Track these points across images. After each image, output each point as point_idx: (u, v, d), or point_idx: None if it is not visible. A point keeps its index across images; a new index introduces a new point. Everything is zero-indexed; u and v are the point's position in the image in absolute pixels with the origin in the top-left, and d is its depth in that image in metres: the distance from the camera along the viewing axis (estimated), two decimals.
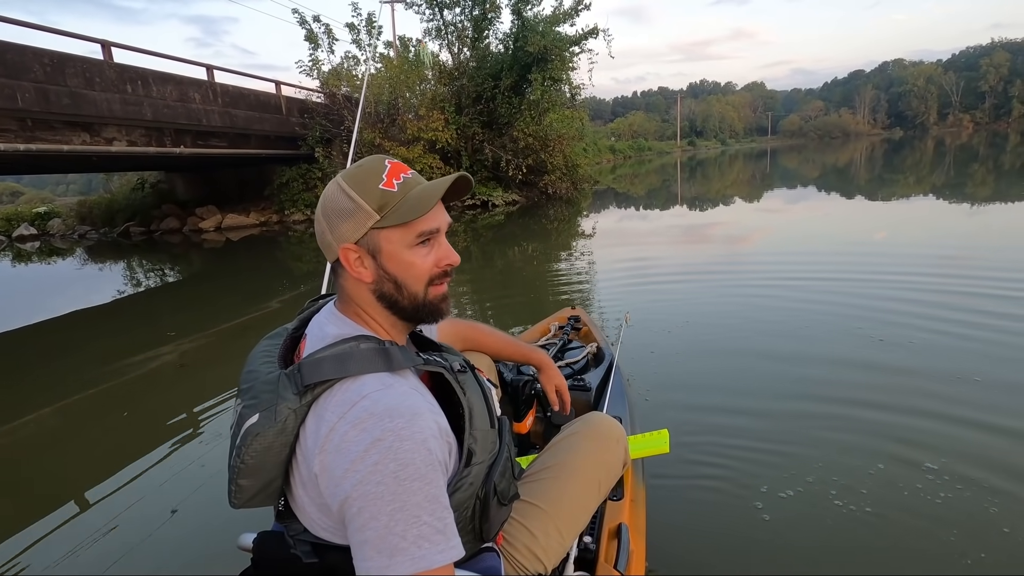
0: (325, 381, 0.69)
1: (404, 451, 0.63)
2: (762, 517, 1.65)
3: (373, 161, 0.76)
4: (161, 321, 5.25)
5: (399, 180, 0.74)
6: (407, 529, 0.60)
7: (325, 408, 0.68)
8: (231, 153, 11.74)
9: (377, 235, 0.74)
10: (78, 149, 8.40)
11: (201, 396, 3.02)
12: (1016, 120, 69.94)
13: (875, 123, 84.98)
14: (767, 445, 2.05)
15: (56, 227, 16.20)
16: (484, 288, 5.23)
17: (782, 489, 1.77)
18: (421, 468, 0.63)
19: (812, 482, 1.80)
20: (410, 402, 0.68)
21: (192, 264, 9.45)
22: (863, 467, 1.86)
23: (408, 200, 0.73)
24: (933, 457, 1.88)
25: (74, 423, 2.96)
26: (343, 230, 0.74)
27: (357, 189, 0.73)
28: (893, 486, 1.75)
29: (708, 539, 1.59)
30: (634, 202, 13.58)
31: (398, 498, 0.61)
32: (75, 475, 2.36)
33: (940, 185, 12.07)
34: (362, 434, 0.63)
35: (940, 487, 1.73)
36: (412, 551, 0.60)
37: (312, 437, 0.68)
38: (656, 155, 52.90)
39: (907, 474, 1.81)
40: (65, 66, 7.83)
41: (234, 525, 1.05)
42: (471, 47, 14.69)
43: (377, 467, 0.62)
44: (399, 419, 0.65)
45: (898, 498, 1.70)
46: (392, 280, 0.75)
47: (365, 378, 0.69)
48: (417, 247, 0.75)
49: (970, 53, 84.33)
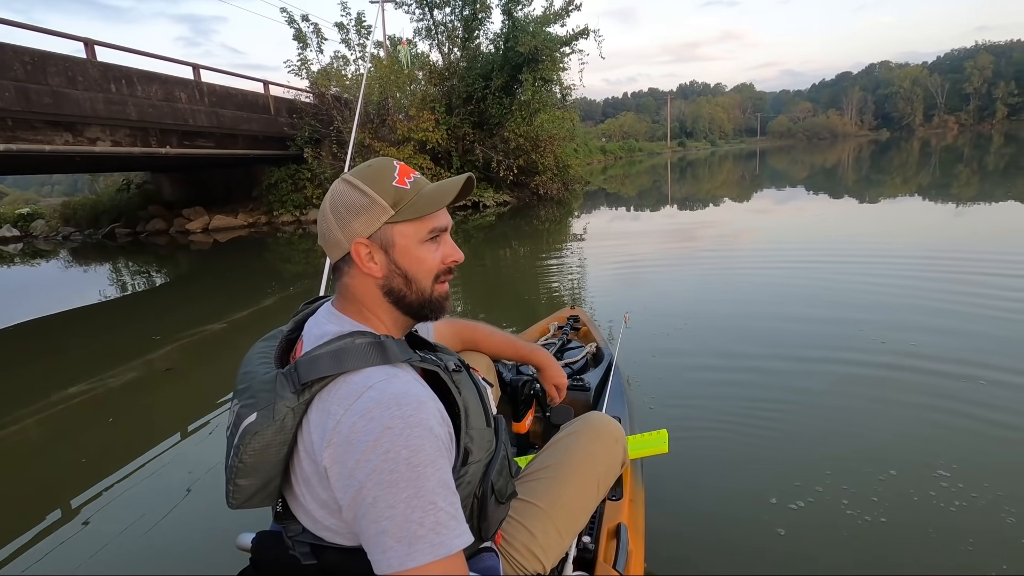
0: (323, 378, 0.69)
1: (415, 437, 0.63)
2: (762, 518, 1.64)
3: (383, 161, 0.79)
4: (146, 324, 5.14)
5: (410, 179, 0.77)
6: (424, 516, 0.61)
7: (329, 402, 0.68)
8: (218, 154, 11.60)
9: (391, 229, 0.75)
10: (60, 149, 8.25)
11: (188, 400, 2.96)
12: (1000, 122, 71.21)
13: (862, 124, 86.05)
14: (768, 446, 2.03)
15: (39, 228, 15.95)
16: (477, 289, 5.19)
17: (782, 490, 1.76)
18: (432, 454, 0.64)
19: (813, 483, 1.78)
20: (414, 390, 0.68)
21: (179, 266, 9.31)
22: (868, 471, 1.82)
23: (423, 196, 0.76)
24: (946, 463, 1.82)
25: (57, 429, 2.88)
26: (356, 225, 0.75)
27: (371, 185, 0.75)
28: (903, 494, 1.69)
29: (707, 539, 1.58)
30: (625, 203, 13.59)
31: (412, 484, 0.61)
32: (61, 481, 2.29)
33: (926, 185, 12.20)
34: (371, 423, 0.63)
35: (954, 495, 1.67)
36: (431, 538, 0.60)
37: (317, 432, 0.68)
38: (647, 156, 53.18)
39: (919, 481, 1.74)
40: (47, 65, 7.69)
41: (233, 525, 1.03)
42: (461, 47, 14.65)
43: (389, 455, 0.62)
44: (407, 407, 0.65)
45: (909, 505, 1.64)
46: (403, 275, 0.77)
47: (368, 370, 0.69)
48: (427, 243, 0.77)
49: (955, 55, 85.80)
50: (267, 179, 13.59)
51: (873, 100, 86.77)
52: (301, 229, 12.06)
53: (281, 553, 0.75)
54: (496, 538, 0.86)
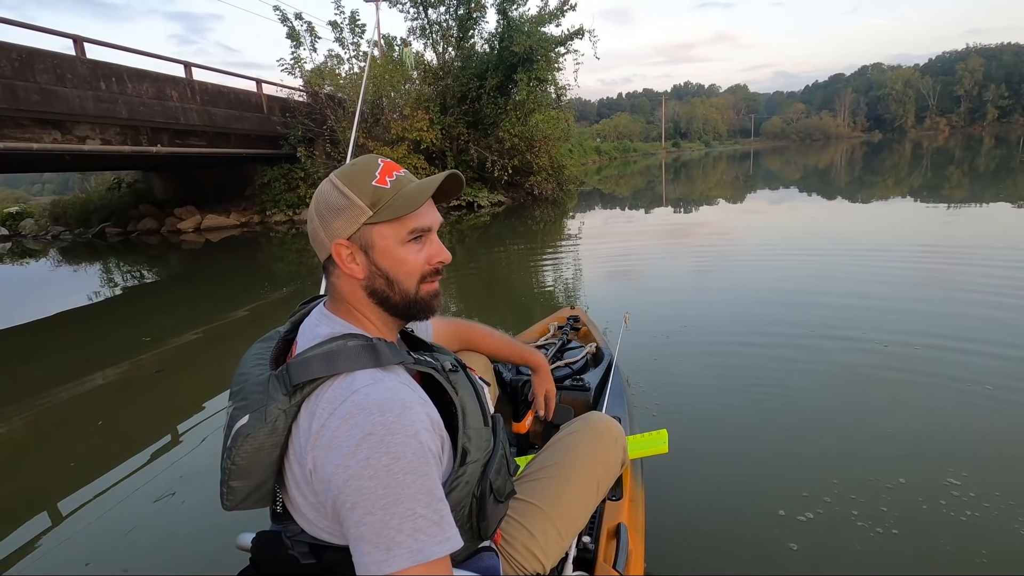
0: (314, 380, 0.68)
1: (395, 444, 0.62)
2: (762, 518, 1.62)
3: (367, 160, 0.77)
4: (137, 325, 5.08)
5: (392, 178, 0.76)
6: (403, 522, 0.60)
7: (316, 405, 0.68)
8: (210, 152, 11.50)
9: (370, 231, 0.74)
10: (48, 148, 8.14)
11: (179, 402, 2.91)
12: (990, 124, 71.93)
13: (855, 126, 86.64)
14: (768, 446, 2.02)
15: (29, 227, 15.79)
16: (470, 290, 5.15)
17: (783, 490, 1.74)
18: (413, 461, 0.63)
19: (813, 483, 1.76)
20: (400, 396, 0.67)
21: (170, 266, 9.21)
22: (869, 472, 1.80)
23: (401, 196, 0.74)
24: (956, 471, 1.75)
25: (46, 433, 2.82)
26: (336, 226, 0.75)
27: (350, 185, 0.75)
28: (912, 502, 1.63)
29: (707, 540, 1.56)
30: (620, 203, 13.58)
31: (391, 491, 0.60)
32: (55, 483, 2.25)
33: (918, 187, 12.27)
34: (352, 429, 0.63)
35: (966, 504, 1.61)
36: (409, 544, 0.59)
37: (304, 434, 0.68)
38: (641, 156, 53.28)
39: (929, 489, 1.68)
40: (35, 62, 7.58)
41: (233, 525, 1.03)
42: (456, 47, 14.61)
43: (368, 461, 0.61)
44: (389, 413, 0.64)
45: (918, 514, 1.59)
46: (384, 276, 0.75)
47: (356, 374, 0.69)
48: (409, 244, 0.76)
49: (946, 58, 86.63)
50: (260, 178, 13.50)
51: (866, 102, 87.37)
52: (294, 229, 11.98)
53: (281, 553, 0.75)
54: (496, 538, 0.86)
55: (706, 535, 1.58)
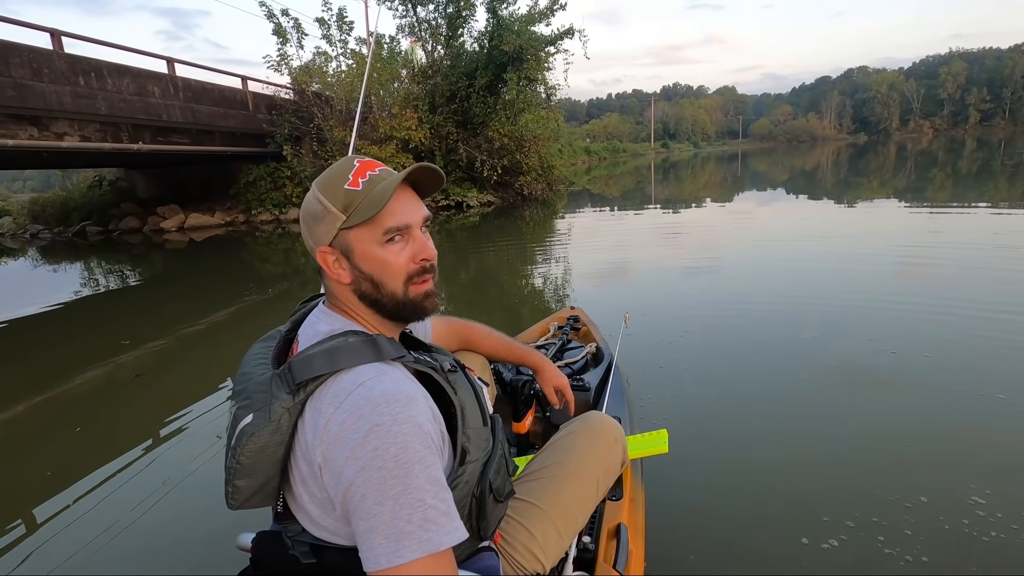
0: (317, 377, 0.68)
1: (403, 434, 0.63)
2: (762, 518, 1.60)
3: (341, 163, 0.77)
4: (116, 327, 4.93)
5: (364, 178, 0.74)
6: (412, 513, 0.60)
7: (321, 400, 0.68)
8: (193, 150, 11.31)
9: (347, 235, 0.74)
10: (24, 144, 7.95)
11: (160, 406, 2.83)
12: (972, 127, 73.27)
13: (841, 128, 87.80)
14: (768, 446, 1.99)
15: (6, 226, 15.45)
16: (460, 291, 5.07)
17: (784, 490, 1.71)
18: (421, 451, 0.63)
19: (814, 483, 1.73)
20: (405, 387, 0.68)
21: (152, 266, 9.01)
22: (869, 473, 1.76)
23: (370, 197, 0.73)
24: (979, 489, 1.65)
25: (23, 438, 2.72)
26: (317, 234, 0.75)
27: (324, 192, 0.74)
28: (933, 520, 1.55)
29: (707, 540, 1.54)
30: (610, 203, 13.56)
31: (401, 481, 0.61)
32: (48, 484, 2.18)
33: (902, 188, 12.39)
34: (360, 421, 0.63)
35: (991, 525, 1.52)
36: (419, 534, 0.60)
37: (311, 430, 0.68)
38: (630, 157, 53.59)
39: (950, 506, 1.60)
40: (9, 56, 7.40)
41: (233, 525, 1.00)
42: (445, 45, 14.51)
43: (378, 452, 0.61)
44: (395, 404, 0.64)
45: (936, 529, 1.51)
46: (369, 279, 0.75)
47: (359, 368, 0.69)
48: (388, 244, 0.74)
49: (930, 62, 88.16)
50: (245, 177, 13.32)
51: (851, 104, 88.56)
52: (280, 228, 11.81)
53: (281, 553, 0.75)
54: (495, 538, 0.86)
55: (707, 535, 1.55)
